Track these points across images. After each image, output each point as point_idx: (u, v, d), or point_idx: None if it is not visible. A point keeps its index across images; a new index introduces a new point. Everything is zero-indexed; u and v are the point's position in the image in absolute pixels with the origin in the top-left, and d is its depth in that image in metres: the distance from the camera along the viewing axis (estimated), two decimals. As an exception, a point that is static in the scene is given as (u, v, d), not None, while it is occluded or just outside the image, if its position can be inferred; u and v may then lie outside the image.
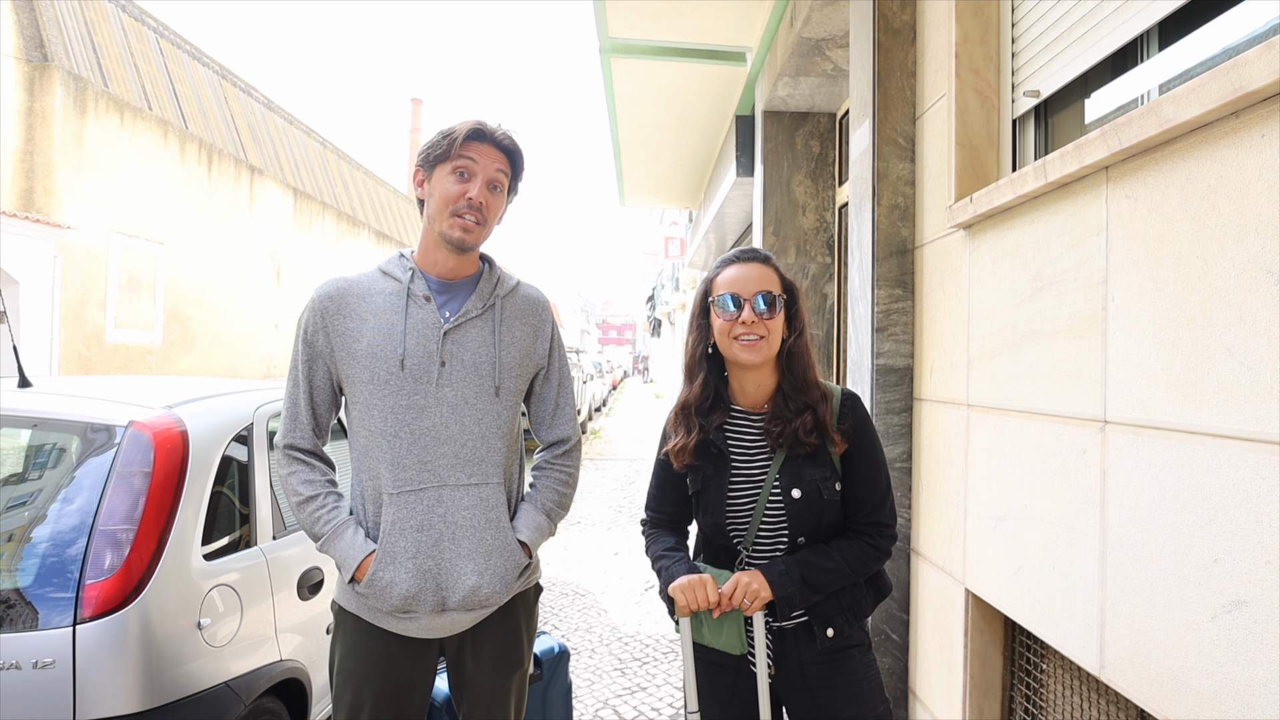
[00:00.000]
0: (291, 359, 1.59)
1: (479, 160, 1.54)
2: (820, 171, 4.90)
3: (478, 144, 1.55)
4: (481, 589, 1.52)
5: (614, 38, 4.99)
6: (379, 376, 1.51)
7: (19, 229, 8.71)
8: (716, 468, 1.53)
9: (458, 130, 1.55)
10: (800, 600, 1.43)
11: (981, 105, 2.20)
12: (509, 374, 1.60)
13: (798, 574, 1.43)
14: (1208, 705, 1.23)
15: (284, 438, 1.57)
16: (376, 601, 1.50)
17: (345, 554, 1.50)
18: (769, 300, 1.48)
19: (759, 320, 1.47)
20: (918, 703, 2.52)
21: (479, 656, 1.59)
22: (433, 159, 1.56)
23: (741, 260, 1.55)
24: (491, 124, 1.59)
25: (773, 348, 1.50)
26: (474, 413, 1.55)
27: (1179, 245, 1.31)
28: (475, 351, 1.56)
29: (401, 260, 1.61)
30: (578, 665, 3.77)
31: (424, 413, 1.51)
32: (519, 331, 1.64)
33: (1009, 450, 1.90)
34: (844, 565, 1.45)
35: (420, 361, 1.52)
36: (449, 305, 1.58)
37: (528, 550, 1.61)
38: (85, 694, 1.64)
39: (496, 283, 1.64)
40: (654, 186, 9.79)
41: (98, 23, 11.39)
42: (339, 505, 1.54)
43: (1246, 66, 1.10)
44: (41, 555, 1.73)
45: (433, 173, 1.57)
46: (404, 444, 1.50)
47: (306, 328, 1.55)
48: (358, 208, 20.77)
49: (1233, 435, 1.19)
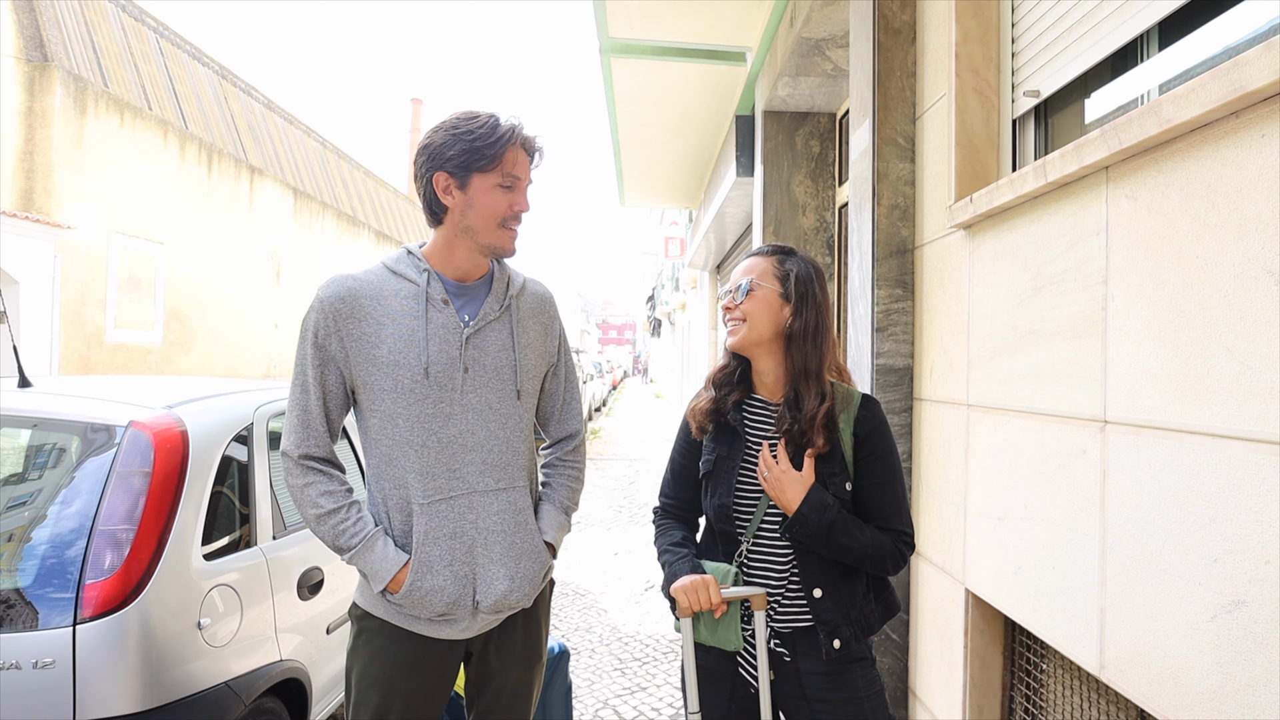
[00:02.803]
0: (298, 363, 1.50)
1: (523, 168, 1.53)
2: (820, 171, 4.90)
3: (516, 150, 1.52)
4: (512, 594, 1.52)
5: (614, 38, 4.99)
6: (403, 385, 1.47)
7: (19, 229, 8.72)
8: (731, 449, 1.55)
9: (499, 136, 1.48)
10: (813, 534, 1.42)
11: (981, 105, 2.20)
12: (528, 376, 1.61)
13: (830, 517, 1.42)
14: (1208, 705, 1.23)
15: (297, 447, 1.48)
16: (416, 610, 1.48)
17: (378, 566, 1.46)
18: (747, 288, 1.55)
19: (735, 306, 1.55)
20: (918, 703, 2.52)
21: (503, 652, 1.60)
22: (472, 164, 1.48)
23: (747, 255, 1.63)
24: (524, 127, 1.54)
25: (754, 332, 1.53)
26: (498, 418, 1.54)
27: (1179, 245, 1.31)
28: (496, 355, 1.55)
29: (412, 259, 1.55)
30: (578, 665, 3.77)
31: (450, 420, 1.49)
32: (533, 331, 1.64)
33: (1009, 450, 1.90)
34: (867, 544, 1.44)
35: (444, 368, 1.49)
36: (467, 308, 1.55)
37: (553, 550, 1.63)
38: (85, 694, 1.64)
39: (509, 283, 1.63)
40: (654, 186, 9.79)
41: (98, 23, 11.39)
42: (363, 516, 1.50)
43: (1246, 66, 1.10)
44: (41, 555, 1.73)
45: (469, 180, 1.49)
46: (432, 453, 1.48)
47: (317, 331, 1.48)
48: (358, 208, 20.78)
49: (1233, 435, 1.19)
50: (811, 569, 1.47)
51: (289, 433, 1.50)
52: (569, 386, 1.75)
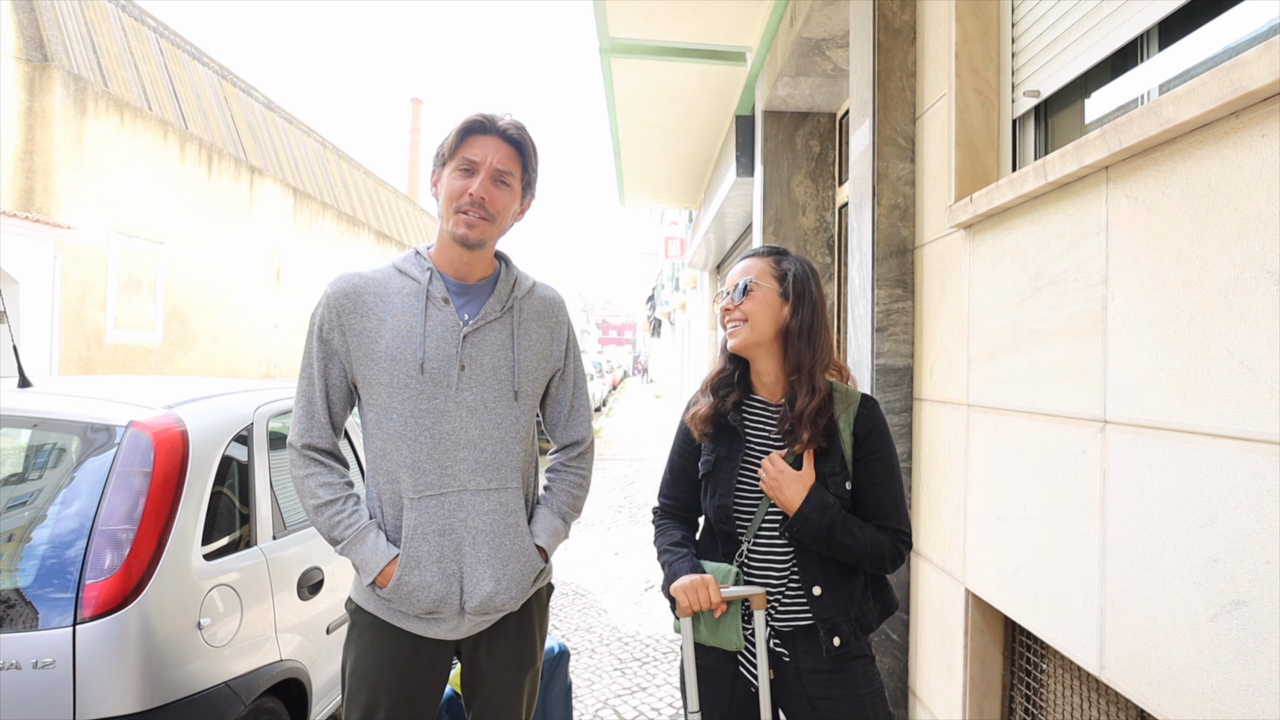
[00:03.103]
0: (305, 356, 1.55)
1: (482, 154, 1.52)
2: (820, 171, 4.90)
3: (480, 138, 1.52)
4: (498, 596, 1.52)
5: (614, 38, 4.99)
6: (398, 380, 1.49)
7: (19, 229, 8.72)
8: (730, 449, 1.55)
9: (459, 124, 1.53)
10: (814, 533, 1.42)
11: (981, 105, 2.20)
12: (527, 378, 1.60)
13: (831, 517, 1.43)
14: (1208, 705, 1.23)
15: (300, 437, 1.53)
16: (403, 605, 1.49)
17: (367, 559, 1.48)
18: (745, 288, 1.55)
19: (735, 307, 1.55)
20: (918, 703, 2.52)
21: (494, 655, 1.60)
22: (440, 158, 1.56)
23: (744, 257, 1.62)
24: (497, 115, 1.55)
25: (753, 333, 1.53)
26: (493, 417, 1.54)
27: (1179, 245, 1.31)
28: (494, 355, 1.56)
29: (418, 259, 1.59)
30: (578, 665, 3.77)
31: (444, 417, 1.50)
32: (536, 334, 1.64)
33: (1009, 450, 1.90)
34: (866, 543, 1.44)
35: (440, 365, 1.50)
36: (468, 307, 1.57)
37: (544, 555, 1.62)
38: (85, 694, 1.64)
39: (514, 284, 1.63)
40: (654, 186, 9.79)
41: (98, 23, 11.39)
42: (358, 509, 1.52)
43: (1246, 66, 1.10)
44: (41, 555, 1.73)
45: (442, 172, 1.56)
46: (424, 449, 1.49)
47: (321, 325, 1.52)
48: (358, 208, 20.78)
49: (1233, 435, 1.19)
50: (811, 567, 1.48)
51: (294, 424, 1.55)
52: (577, 393, 1.74)
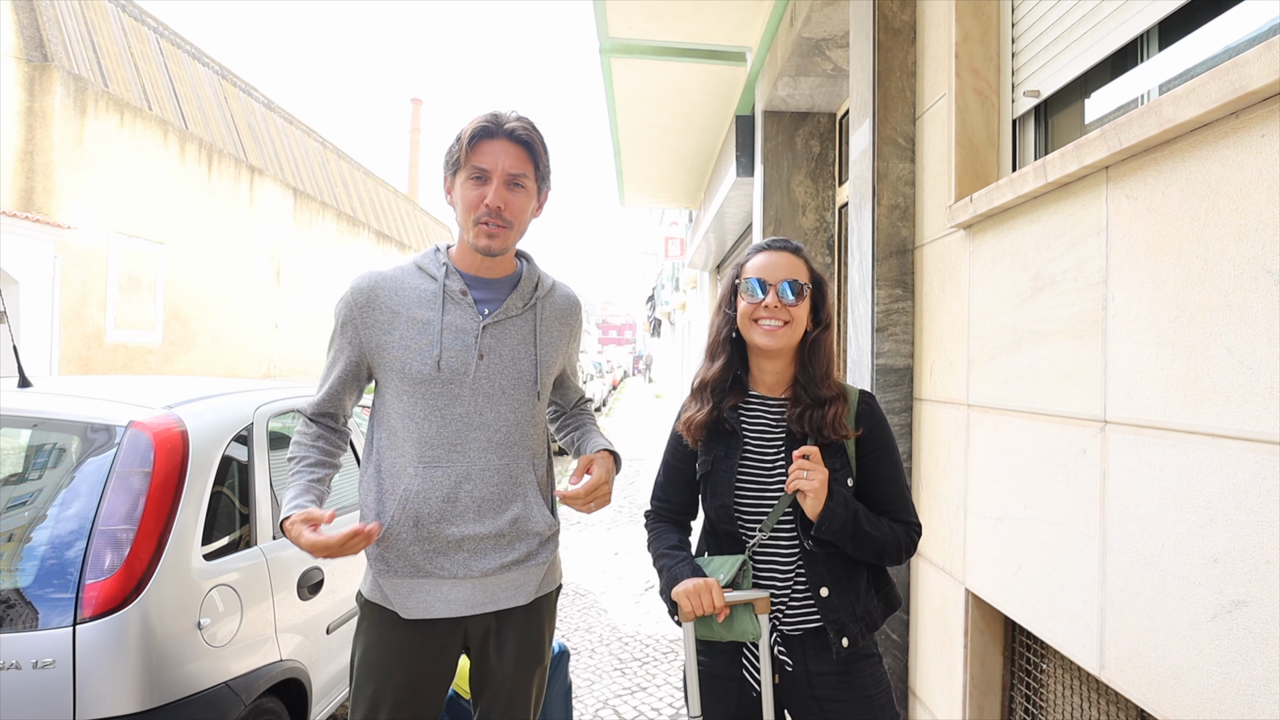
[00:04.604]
0: (330, 341, 1.62)
1: (492, 161, 1.49)
2: (820, 171, 4.90)
3: (488, 142, 1.50)
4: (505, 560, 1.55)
5: (614, 38, 4.99)
6: (413, 372, 1.51)
7: (19, 229, 8.72)
8: (728, 449, 1.53)
9: (464, 132, 1.51)
10: (840, 528, 1.39)
11: (981, 105, 2.20)
12: (546, 373, 1.63)
13: (853, 507, 1.42)
14: (1208, 705, 1.23)
15: (311, 407, 1.62)
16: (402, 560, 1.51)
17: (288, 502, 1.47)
18: (796, 289, 1.49)
19: (782, 306, 1.48)
20: (918, 703, 2.52)
21: (502, 650, 1.60)
22: (451, 165, 1.54)
23: (773, 248, 1.56)
24: (504, 115, 1.51)
25: (794, 336, 1.51)
26: (509, 402, 1.57)
27: (1179, 245, 1.31)
28: (514, 349, 1.58)
29: (437, 256, 1.60)
30: (578, 665, 3.76)
31: (457, 400, 1.53)
32: (557, 333, 1.66)
33: (1009, 450, 1.90)
34: (886, 536, 1.44)
35: (457, 356, 1.52)
36: (488, 303, 1.58)
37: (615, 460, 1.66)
38: (85, 694, 1.64)
39: (537, 283, 1.64)
40: (654, 186, 9.79)
41: (98, 23, 11.39)
42: (316, 465, 1.55)
43: (1246, 66, 1.10)
44: (41, 555, 1.73)
45: (455, 180, 1.54)
46: (434, 426, 1.52)
47: (341, 317, 1.57)
48: (358, 208, 20.77)
49: (1233, 435, 1.19)
50: (817, 568, 1.46)
51: (313, 395, 1.65)
52: (572, 373, 1.85)
